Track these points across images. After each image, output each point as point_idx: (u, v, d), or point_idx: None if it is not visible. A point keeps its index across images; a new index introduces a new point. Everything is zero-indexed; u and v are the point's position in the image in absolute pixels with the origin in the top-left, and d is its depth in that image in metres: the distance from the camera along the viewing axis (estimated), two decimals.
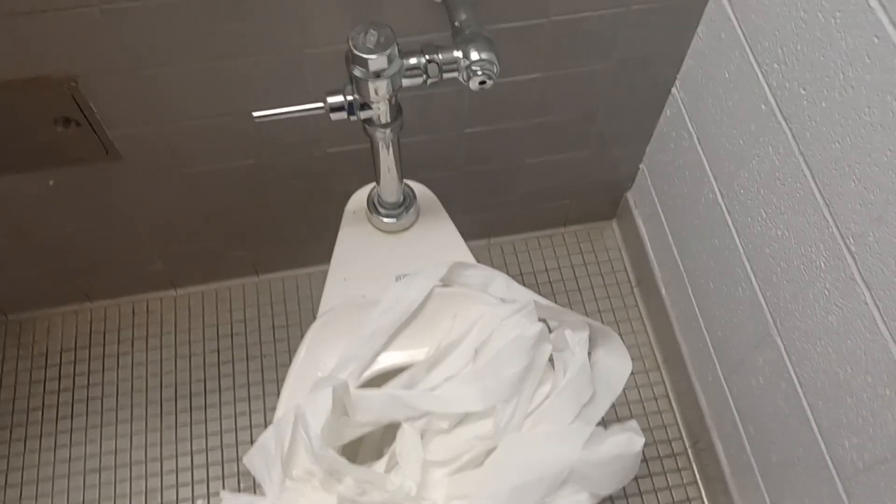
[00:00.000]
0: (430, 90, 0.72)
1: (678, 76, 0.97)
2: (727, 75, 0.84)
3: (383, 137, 0.75)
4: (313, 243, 1.18)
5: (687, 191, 1.01)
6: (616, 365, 0.78)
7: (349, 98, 0.69)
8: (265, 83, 0.84)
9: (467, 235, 0.89)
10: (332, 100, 0.69)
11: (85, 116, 0.82)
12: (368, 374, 0.77)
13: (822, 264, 0.70)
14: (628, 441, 0.69)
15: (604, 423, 0.72)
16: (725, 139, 0.87)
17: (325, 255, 1.23)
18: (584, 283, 1.27)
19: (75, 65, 0.76)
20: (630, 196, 1.23)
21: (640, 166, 1.16)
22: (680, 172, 1.02)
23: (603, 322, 1.23)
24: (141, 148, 0.89)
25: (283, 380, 1.14)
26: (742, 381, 0.92)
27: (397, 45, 0.65)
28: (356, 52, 0.64)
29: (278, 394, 1.13)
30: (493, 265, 1.27)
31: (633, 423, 0.70)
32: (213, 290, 1.23)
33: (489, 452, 0.73)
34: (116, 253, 1.09)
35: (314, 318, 1.20)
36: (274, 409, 1.11)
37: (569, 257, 1.29)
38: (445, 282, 0.81)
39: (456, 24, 0.71)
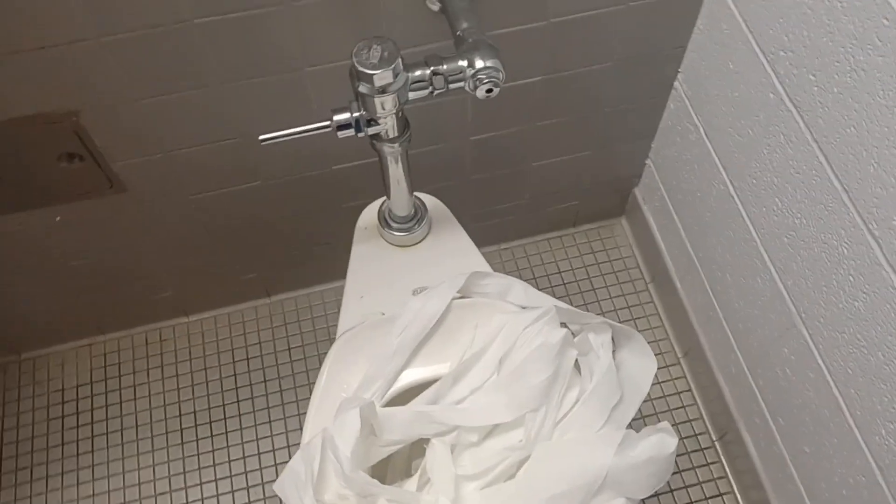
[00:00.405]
0: (436, 100, 0.72)
1: (680, 70, 0.97)
2: (731, 66, 0.84)
3: (392, 152, 0.74)
4: (324, 261, 1.17)
5: (697, 184, 1.00)
6: (641, 365, 0.78)
7: (355, 115, 0.68)
8: (269, 104, 0.84)
9: (478, 242, 0.89)
10: (338, 118, 0.68)
11: (88, 151, 0.81)
12: (393, 391, 0.76)
13: (845, 251, 0.70)
14: (661, 442, 0.68)
15: (631, 424, 0.71)
16: (734, 130, 0.86)
17: (336, 272, 1.23)
18: (598, 283, 1.26)
19: (76, 99, 0.76)
20: (638, 192, 1.22)
21: (647, 162, 1.16)
22: (688, 166, 1.01)
23: (619, 319, 1.22)
24: (146, 178, 0.89)
25: (304, 401, 1.14)
26: (768, 372, 0.91)
27: (401, 58, 0.64)
28: (361, 68, 0.63)
29: (299, 416, 1.13)
30: (505, 270, 1.26)
31: (665, 424, 0.69)
32: (226, 315, 1.22)
33: (521, 463, 0.72)
34: (127, 284, 1.09)
35: (329, 336, 1.20)
36: (296, 431, 1.11)
37: (581, 257, 1.29)
38: (463, 293, 0.80)
39: (458, 33, 0.71)
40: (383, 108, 0.67)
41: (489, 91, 0.68)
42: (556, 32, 0.86)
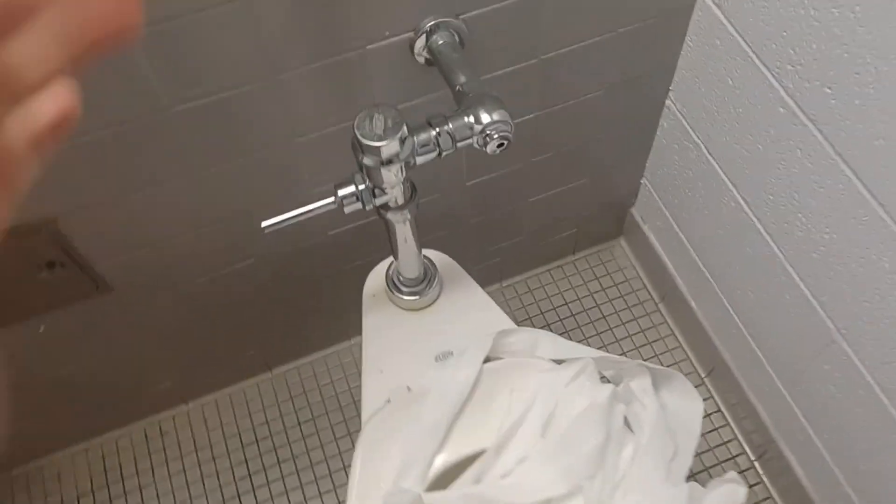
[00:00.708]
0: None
1: (671, 88, 0.94)
2: (731, 82, 0.81)
3: (400, 219, 0.70)
4: (326, 325, 1.12)
5: (703, 201, 0.97)
6: (687, 406, 0.74)
7: (360, 188, 0.64)
8: (258, 181, 0.79)
9: (480, 284, 0.84)
10: (343, 192, 0.64)
11: (69, 257, 0.75)
12: (433, 474, 0.71)
13: (886, 265, 0.67)
14: (731, 494, 0.64)
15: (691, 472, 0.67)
16: (741, 146, 0.84)
17: (338, 334, 1.18)
18: (606, 309, 1.23)
19: (53, 206, 0.70)
20: (636, 212, 1.19)
21: (643, 181, 1.13)
22: (690, 184, 0.99)
23: (635, 344, 1.19)
24: (133, 276, 0.83)
25: (323, 479, 1.08)
26: (808, 389, 0.88)
27: (406, 124, 0.60)
28: (365, 140, 0.59)
29: (320, 496, 1.06)
30: (510, 308, 1.22)
31: (733, 475, 0.65)
32: (227, 396, 1.16)
33: None
34: (120, 383, 1.02)
35: (339, 404, 1.14)
36: None
37: (585, 284, 1.25)
38: (490, 355, 0.76)
39: (457, 87, 0.67)
40: (391, 179, 0.63)
41: (501, 146, 0.64)
42: (545, 69, 0.83)
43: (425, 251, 0.84)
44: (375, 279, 0.86)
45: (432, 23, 0.70)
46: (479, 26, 0.72)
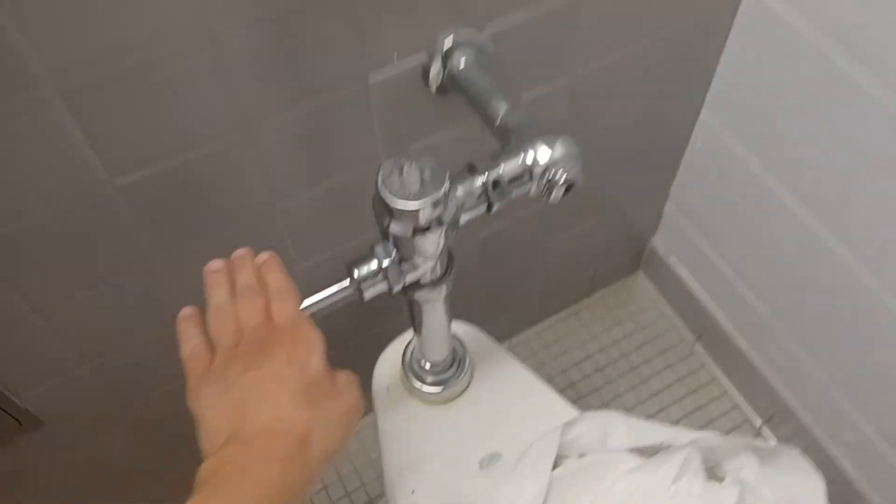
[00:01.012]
0: None
1: (706, 99, 0.82)
2: (791, 75, 0.69)
3: (434, 297, 0.54)
4: None
5: (756, 225, 0.84)
6: (805, 489, 0.59)
7: (385, 263, 0.47)
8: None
9: None
10: (362, 272, 0.47)
11: None
12: None
13: None
14: None
15: None
16: (814, 159, 0.71)
17: None
18: (636, 358, 1.08)
19: None
20: (658, 242, 1.06)
21: (666, 209, 1.00)
22: (733, 206, 0.86)
23: (675, 396, 1.05)
24: (68, 403, 0.63)
25: None
26: None
27: (449, 176, 0.44)
28: (396, 202, 0.43)
29: None
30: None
31: None
32: None
33: None
34: None
35: None
36: None
37: (607, 332, 1.11)
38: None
39: (497, 122, 0.52)
40: (428, 249, 0.47)
41: (568, 189, 0.49)
42: (577, 87, 0.69)
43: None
44: (387, 367, 0.70)
45: (451, 40, 0.55)
46: (507, 40, 0.57)
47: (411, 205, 0.43)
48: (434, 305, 0.56)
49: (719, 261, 0.95)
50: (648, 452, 0.60)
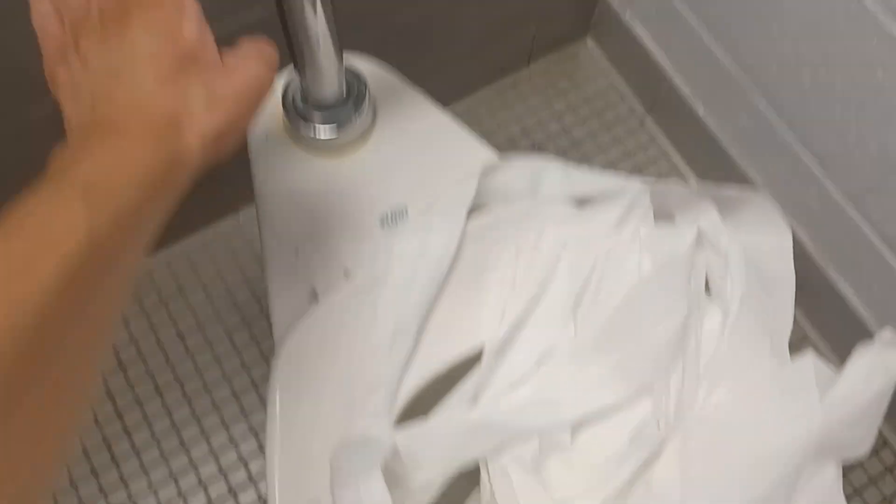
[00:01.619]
0: None
1: None
2: None
3: None
4: (197, 197, 0.82)
5: None
6: (771, 242, 0.52)
7: None
8: None
9: None
10: None
11: None
12: (403, 401, 0.47)
13: None
14: (885, 366, 0.43)
15: None
16: None
17: (218, 209, 0.89)
18: (579, 132, 0.99)
19: None
20: None
21: None
22: None
23: (617, 168, 0.96)
24: None
25: (236, 422, 0.83)
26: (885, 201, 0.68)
27: None
28: None
29: (227, 433, 0.81)
30: None
31: (890, 334, 0.44)
32: None
33: (654, 460, 0.46)
34: None
35: (233, 299, 0.87)
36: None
37: (548, 104, 1.00)
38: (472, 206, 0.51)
39: None
40: None
41: None
42: None
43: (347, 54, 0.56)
44: (265, 110, 0.57)
45: None
46: None
47: None
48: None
49: (682, 6, 0.82)
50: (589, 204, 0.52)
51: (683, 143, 0.96)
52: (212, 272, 0.89)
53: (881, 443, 0.84)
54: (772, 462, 0.42)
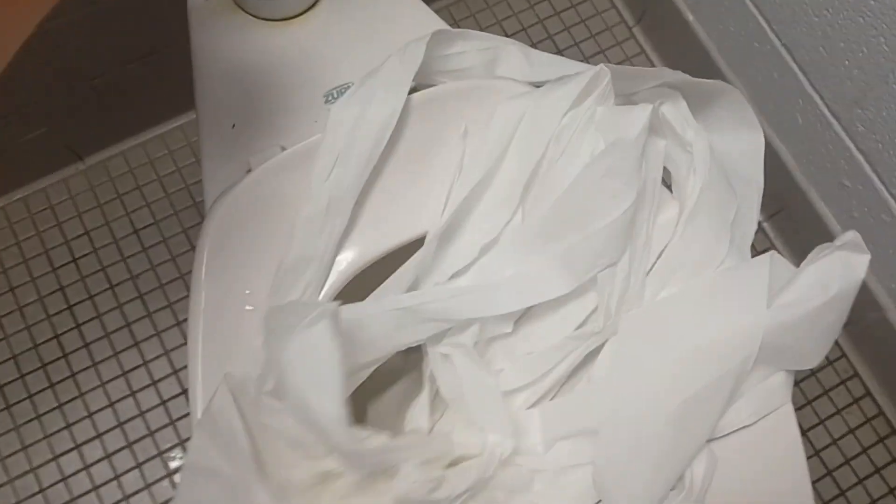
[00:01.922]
0: None
1: None
2: None
3: None
4: (155, 86, 0.79)
5: None
6: (743, 138, 0.50)
7: None
8: None
9: None
10: None
11: None
12: (338, 281, 0.45)
13: None
14: (844, 268, 0.41)
15: None
16: None
17: (180, 102, 0.84)
18: (563, 40, 0.94)
19: None
20: None
21: None
22: None
23: None
24: None
25: (179, 304, 0.81)
26: (871, 106, 0.65)
27: None
28: None
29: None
30: None
31: (852, 235, 0.42)
32: (21, 202, 0.84)
33: (598, 354, 0.44)
34: None
35: (193, 199, 0.84)
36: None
37: (531, 9, 0.95)
38: (422, 79, 0.47)
39: None
40: None
41: None
42: None
43: None
44: None
45: None
46: None
47: None
48: None
49: None
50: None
51: (669, 52, 0.92)
52: (169, 163, 0.86)
53: (838, 354, 0.83)
54: (710, 360, 0.40)
